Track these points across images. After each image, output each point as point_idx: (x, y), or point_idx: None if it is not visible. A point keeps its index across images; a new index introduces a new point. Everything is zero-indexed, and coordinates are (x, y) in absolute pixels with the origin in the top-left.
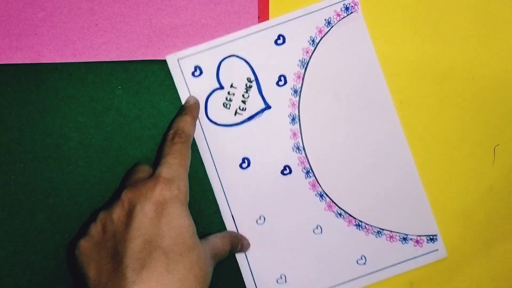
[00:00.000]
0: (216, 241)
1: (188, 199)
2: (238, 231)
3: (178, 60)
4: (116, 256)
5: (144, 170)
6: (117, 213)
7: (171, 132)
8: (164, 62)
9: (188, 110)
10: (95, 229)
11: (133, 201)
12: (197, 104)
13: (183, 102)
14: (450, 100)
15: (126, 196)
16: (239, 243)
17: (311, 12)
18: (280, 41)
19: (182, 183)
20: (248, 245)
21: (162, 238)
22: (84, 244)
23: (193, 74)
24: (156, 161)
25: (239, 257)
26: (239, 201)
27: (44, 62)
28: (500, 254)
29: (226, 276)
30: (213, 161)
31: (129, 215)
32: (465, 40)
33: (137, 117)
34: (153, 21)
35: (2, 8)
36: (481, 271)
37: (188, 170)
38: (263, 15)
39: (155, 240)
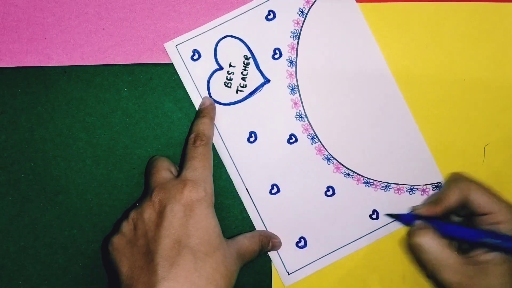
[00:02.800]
0: (243, 241)
1: (213, 200)
2: (254, 202)
3: (176, 46)
4: (147, 254)
5: (165, 168)
6: (148, 213)
7: (193, 136)
8: (168, 65)
9: (206, 112)
10: (127, 227)
11: (163, 202)
12: (213, 105)
13: (187, 88)
14: (442, 101)
15: (156, 197)
16: (269, 242)
17: None
18: (270, 16)
19: (208, 185)
20: (280, 243)
21: (190, 238)
22: (117, 241)
23: (192, 58)
24: (180, 164)
25: (258, 228)
26: (251, 174)
27: (53, 65)
28: None
29: None
30: (222, 140)
31: (160, 215)
32: (456, 43)
33: (142, 118)
34: (157, 26)
35: (13, 13)
36: None
37: (212, 171)
38: None
39: (183, 240)
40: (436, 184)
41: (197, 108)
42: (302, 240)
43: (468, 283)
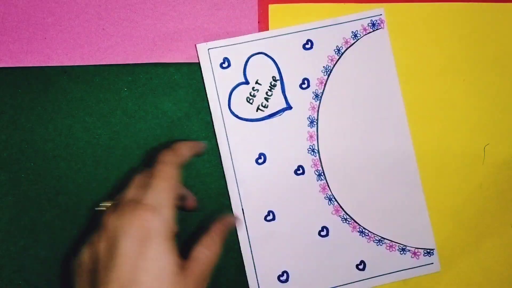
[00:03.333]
0: (204, 254)
1: (174, 228)
2: (247, 224)
3: (208, 50)
4: None
5: (138, 184)
6: (102, 244)
7: (165, 149)
8: (168, 65)
9: (196, 143)
10: (86, 254)
11: (115, 234)
12: (204, 148)
13: (208, 94)
14: (441, 100)
15: (110, 223)
16: (227, 229)
17: (340, 23)
18: (308, 46)
19: (167, 211)
20: (237, 219)
21: (138, 285)
22: (77, 266)
23: (221, 65)
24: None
25: (244, 251)
26: (251, 195)
27: (53, 65)
28: (489, 249)
29: (228, 269)
30: (230, 153)
31: (111, 250)
32: (456, 43)
33: (142, 118)
34: (157, 26)
35: (13, 13)
36: (471, 265)
37: (177, 193)
38: (263, 20)
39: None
40: (428, 250)
41: (212, 113)
42: (285, 274)
43: None
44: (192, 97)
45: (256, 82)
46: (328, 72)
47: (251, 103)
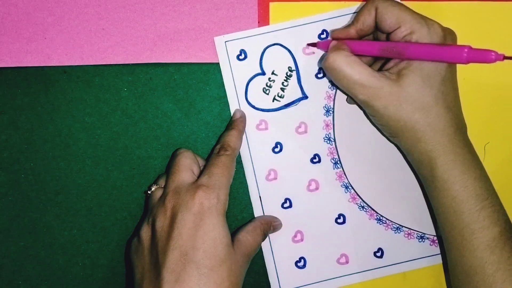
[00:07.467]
0: (247, 239)
1: (226, 208)
2: (264, 211)
3: (225, 42)
4: (156, 265)
5: (186, 168)
6: (161, 221)
7: (218, 146)
8: (168, 65)
9: (235, 124)
10: (145, 234)
11: (175, 210)
12: (243, 117)
13: (226, 85)
14: None
15: (169, 203)
16: (270, 227)
17: (355, 12)
18: (323, 36)
19: (222, 192)
20: (280, 225)
21: (196, 251)
22: (135, 247)
23: (238, 57)
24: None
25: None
26: (268, 183)
27: (53, 65)
28: None
29: None
30: (247, 143)
31: (171, 224)
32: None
33: (142, 118)
34: (157, 26)
35: (13, 13)
36: None
37: (231, 181)
38: (263, 20)
39: (190, 253)
40: None
41: (230, 104)
42: (302, 260)
43: (378, 94)
44: (192, 97)
45: (272, 73)
46: None
47: (268, 94)
